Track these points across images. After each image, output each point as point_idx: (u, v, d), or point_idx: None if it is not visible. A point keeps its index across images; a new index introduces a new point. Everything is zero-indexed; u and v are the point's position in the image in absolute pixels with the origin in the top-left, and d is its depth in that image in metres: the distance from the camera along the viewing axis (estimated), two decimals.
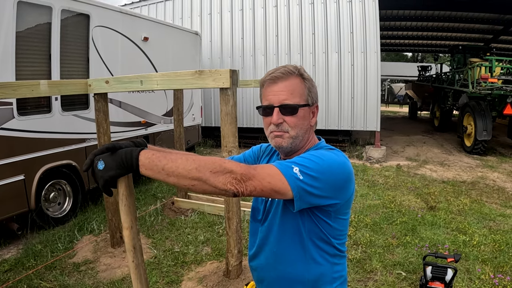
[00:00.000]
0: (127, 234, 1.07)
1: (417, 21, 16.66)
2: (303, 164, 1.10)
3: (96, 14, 5.34)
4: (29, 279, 3.49)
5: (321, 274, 1.26)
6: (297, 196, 1.08)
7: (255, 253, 1.36)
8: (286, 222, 1.25)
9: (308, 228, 1.23)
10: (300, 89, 1.25)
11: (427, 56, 35.48)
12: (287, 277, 1.27)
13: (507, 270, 3.55)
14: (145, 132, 6.61)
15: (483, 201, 5.76)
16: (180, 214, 5.19)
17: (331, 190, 1.14)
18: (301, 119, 1.25)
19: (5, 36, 4.05)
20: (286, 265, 1.26)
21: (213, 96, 10.51)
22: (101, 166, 0.97)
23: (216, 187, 0.98)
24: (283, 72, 1.24)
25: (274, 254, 1.29)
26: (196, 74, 2.91)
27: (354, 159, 9.09)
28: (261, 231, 1.34)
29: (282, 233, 1.26)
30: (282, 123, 1.23)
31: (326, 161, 1.14)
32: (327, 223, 1.22)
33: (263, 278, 1.35)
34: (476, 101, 9.36)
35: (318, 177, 1.10)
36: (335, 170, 1.15)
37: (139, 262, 1.10)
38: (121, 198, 1.05)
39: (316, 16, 9.46)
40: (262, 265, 1.33)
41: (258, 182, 1.02)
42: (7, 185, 4.14)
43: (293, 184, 1.06)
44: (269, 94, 1.25)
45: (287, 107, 1.22)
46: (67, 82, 3.71)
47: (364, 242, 4.21)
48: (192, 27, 10.31)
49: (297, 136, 1.25)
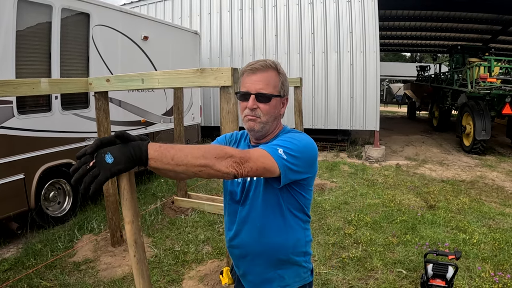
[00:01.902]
0: (128, 228, 1.07)
1: (416, 21, 16.69)
2: (285, 146, 1.29)
3: (96, 13, 5.34)
4: (29, 278, 3.48)
5: (297, 239, 1.48)
6: (283, 173, 1.26)
7: (236, 232, 1.50)
8: (268, 198, 1.42)
9: (286, 200, 1.43)
10: (275, 81, 1.42)
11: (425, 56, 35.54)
12: (271, 247, 1.45)
13: (507, 268, 3.56)
14: (144, 131, 6.61)
15: (483, 200, 5.78)
16: (180, 213, 5.18)
17: (307, 166, 1.37)
18: (273, 108, 1.42)
19: (5, 34, 4.05)
20: (270, 236, 1.44)
21: (212, 95, 10.51)
22: (110, 160, 0.95)
23: (219, 170, 1.08)
24: (262, 64, 1.41)
25: (257, 228, 1.45)
26: (197, 72, 2.90)
27: (354, 158, 9.10)
28: (241, 210, 1.48)
29: (265, 207, 1.43)
30: (256, 108, 1.40)
31: (301, 141, 1.36)
32: (302, 194, 1.45)
33: (246, 253, 1.49)
34: (475, 100, 9.38)
35: (298, 156, 1.31)
36: (309, 149, 1.38)
37: (140, 257, 1.10)
38: (122, 193, 1.06)
39: (315, 16, 9.46)
40: (245, 241, 1.48)
41: (253, 163, 1.17)
42: (7, 184, 4.13)
43: (280, 163, 1.25)
44: (248, 82, 1.41)
45: (262, 95, 1.39)
46: (67, 81, 3.71)
47: (364, 240, 4.21)
48: (192, 26, 10.31)
49: (267, 122, 1.42)
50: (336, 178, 7.08)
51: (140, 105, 6.43)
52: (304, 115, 7.40)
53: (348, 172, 7.65)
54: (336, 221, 4.85)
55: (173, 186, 6.38)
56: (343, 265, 3.70)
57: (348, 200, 5.74)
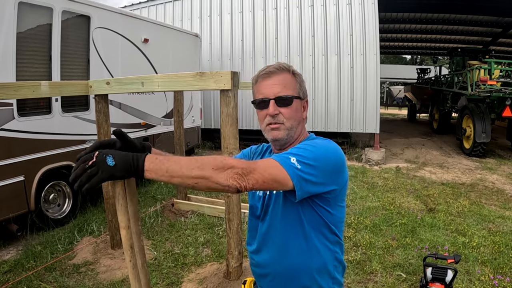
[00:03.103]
0: (123, 233, 1.08)
1: (416, 24, 16.71)
2: (299, 154, 1.16)
3: (96, 15, 5.36)
4: (29, 280, 3.48)
5: (324, 262, 1.30)
6: (298, 185, 1.12)
7: (257, 249, 1.39)
8: (287, 214, 1.28)
9: (309, 217, 1.27)
10: (292, 83, 1.32)
11: (426, 58, 35.58)
12: (292, 269, 1.29)
13: (506, 271, 3.55)
14: (145, 134, 6.61)
15: (482, 203, 5.77)
16: (180, 216, 5.18)
17: (328, 176, 1.20)
18: (295, 111, 1.31)
19: (5, 36, 4.06)
20: (291, 257, 1.29)
21: (212, 98, 10.52)
22: (112, 163, 0.96)
23: (218, 183, 1.01)
24: (276, 67, 1.31)
25: (277, 247, 1.31)
26: (197, 76, 2.92)
27: (354, 161, 9.10)
28: (261, 226, 1.37)
29: (285, 224, 1.29)
30: (278, 114, 1.28)
31: (320, 149, 1.21)
32: (327, 211, 1.27)
33: (267, 273, 1.36)
34: (475, 103, 9.39)
35: (315, 165, 1.15)
36: (330, 156, 1.22)
37: (136, 262, 1.11)
38: (117, 198, 1.07)
39: (315, 19, 9.48)
40: (266, 260, 1.35)
41: (259, 175, 1.06)
42: (7, 186, 4.14)
43: (292, 173, 1.11)
44: (264, 88, 1.30)
45: (282, 98, 1.28)
46: (67, 83, 3.72)
47: (364, 243, 4.21)
48: (192, 29, 10.33)
49: (292, 127, 1.31)
50: None
51: (140, 107, 6.45)
52: None
53: (348, 174, 7.62)
54: None
55: (173, 188, 6.38)
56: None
57: (348, 203, 5.74)
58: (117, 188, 1.06)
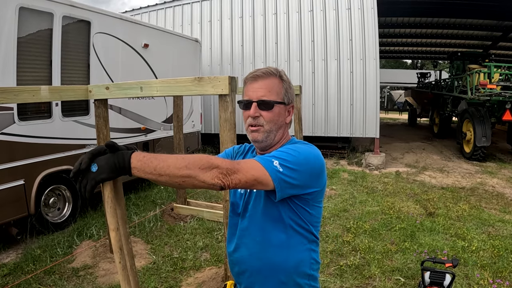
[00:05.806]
0: (113, 235, 1.10)
1: (416, 28, 16.78)
2: (281, 158, 1.22)
3: (97, 20, 5.40)
4: (28, 283, 3.49)
5: (301, 260, 1.36)
6: (278, 187, 1.19)
7: (236, 246, 1.42)
8: (268, 211, 1.33)
9: (288, 215, 1.32)
10: (277, 88, 1.37)
11: (426, 63, 35.62)
12: (270, 265, 1.34)
13: (506, 275, 3.55)
14: (145, 139, 6.63)
15: (482, 207, 5.77)
16: (179, 220, 5.19)
17: (308, 179, 1.28)
18: (276, 115, 1.36)
19: (6, 41, 4.10)
20: (269, 253, 1.34)
21: (212, 103, 10.55)
22: (94, 169, 1.02)
23: (204, 181, 1.07)
24: (264, 72, 1.37)
25: (257, 243, 1.36)
26: (195, 81, 2.93)
27: (354, 165, 9.10)
28: (241, 223, 1.41)
29: (265, 221, 1.34)
30: (258, 116, 1.35)
31: (302, 153, 1.27)
32: (306, 210, 1.33)
33: (245, 269, 1.40)
34: (475, 107, 9.40)
35: (296, 169, 1.22)
36: (311, 161, 1.29)
37: (125, 264, 1.13)
38: (106, 201, 1.09)
39: (315, 24, 9.53)
40: (244, 256, 1.39)
41: (242, 175, 1.12)
42: (7, 189, 4.16)
43: (274, 176, 1.18)
44: (250, 90, 1.37)
45: (265, 102, 1.34)
46: (68, 88, 3.74)
47: (362, 248, 4.21)
48: (192, 34, 10.38)
49: (271, 130, 1.36)
50: (335, 186, 7.08)
51: (140, 112, 6.47)
52: (304, 123, 7.42)
53: (348, 179, 7.65)
54: (334, 229, 4.85)
55: (172, 193, 6.39)
56: (341, 273, 3.69)
57: (347, 207, 5.74)
58: (106, 191, 1.09)
